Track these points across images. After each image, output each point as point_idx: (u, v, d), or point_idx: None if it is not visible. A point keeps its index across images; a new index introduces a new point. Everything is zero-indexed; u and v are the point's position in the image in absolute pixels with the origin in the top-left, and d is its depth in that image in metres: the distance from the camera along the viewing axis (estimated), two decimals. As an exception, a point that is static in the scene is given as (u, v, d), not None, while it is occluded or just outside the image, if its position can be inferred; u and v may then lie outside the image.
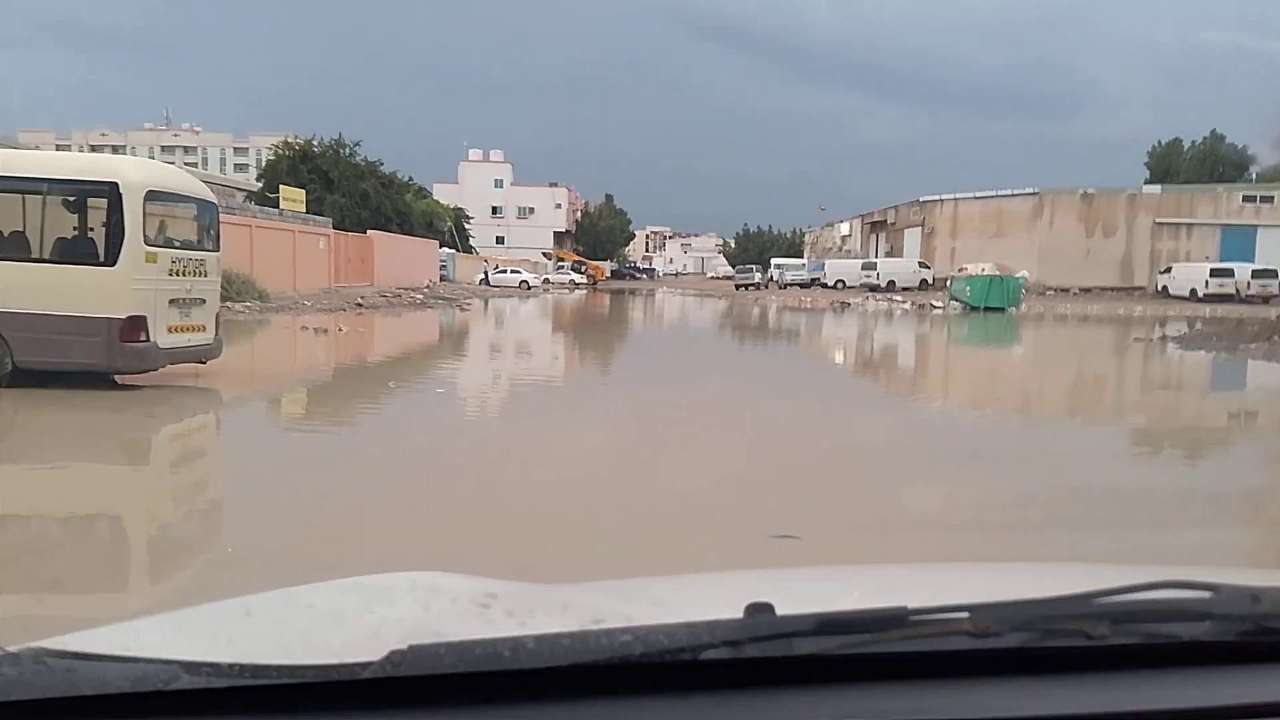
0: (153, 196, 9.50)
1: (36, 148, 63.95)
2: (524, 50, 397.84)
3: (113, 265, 9.14)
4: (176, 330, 9.80)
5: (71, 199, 9.72)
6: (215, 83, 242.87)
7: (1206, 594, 0.98)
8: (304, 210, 36.15)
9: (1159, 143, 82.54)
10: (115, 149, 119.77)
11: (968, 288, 39.78)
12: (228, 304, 25.63)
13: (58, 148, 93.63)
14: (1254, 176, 65.89)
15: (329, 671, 0.83)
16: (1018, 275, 40.88)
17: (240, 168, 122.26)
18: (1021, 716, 0.88)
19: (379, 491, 5.97)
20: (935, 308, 40.37)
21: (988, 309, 38.15)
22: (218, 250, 10.91)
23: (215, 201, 10.91)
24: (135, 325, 9.19)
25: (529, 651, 0.83)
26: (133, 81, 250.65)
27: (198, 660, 0.83)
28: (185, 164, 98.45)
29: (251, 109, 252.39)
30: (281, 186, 39.25)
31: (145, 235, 9.31)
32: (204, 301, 10.33)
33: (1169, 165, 75.16)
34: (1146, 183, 62.91)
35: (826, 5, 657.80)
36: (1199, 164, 72.83)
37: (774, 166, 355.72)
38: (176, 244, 10.08)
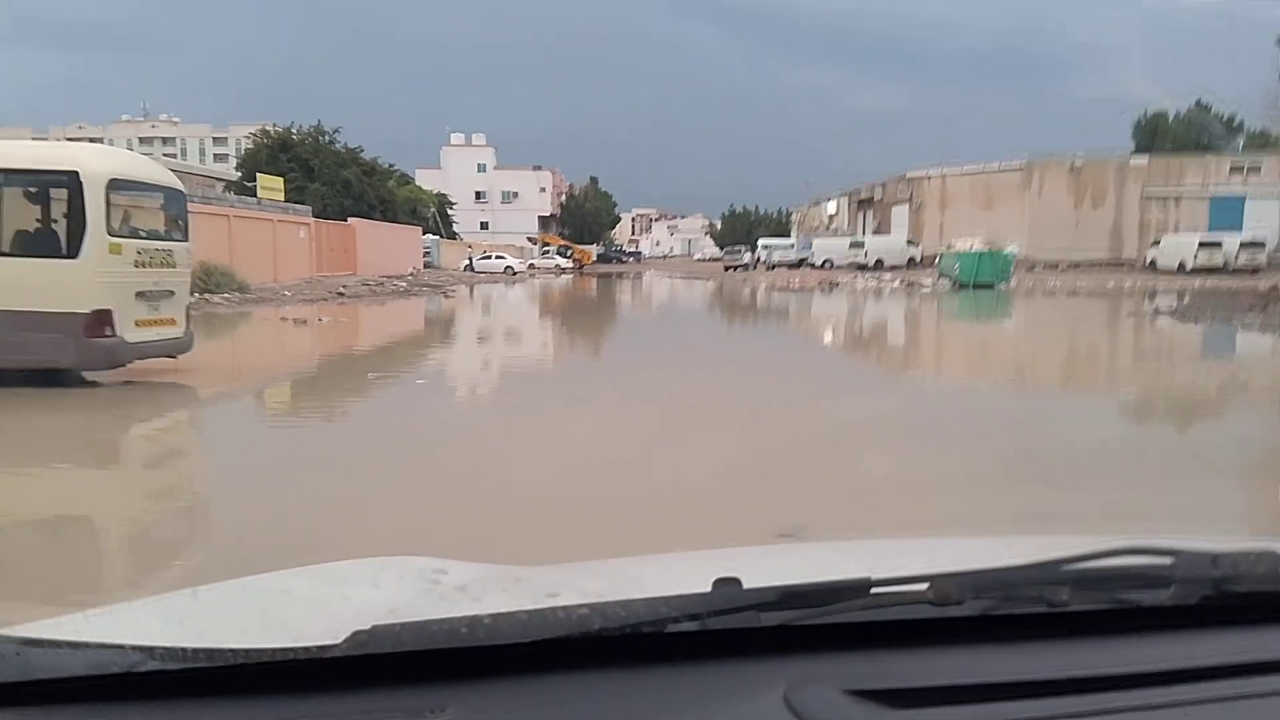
0: (116, 185, 9.08)
1: None
2: (505, 31, 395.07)
3: (75, 258, 8.72)
4: (145, 324, 9.39)
5: (32, 190, 9.30)
6: (194, 75, 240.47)
7: (1167, 559, 0.98)
8: (283, 199, 35.57)
9: (1145, 113, 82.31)
10: (93, 141, 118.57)
11: (957, 264, 39.56)
12: (206, 296, 25.33)
13: (34, 140, 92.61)
14: (1240, 147, 65.67)
15: (287, 654, 0.83)
16: (1007, 250, 40.60)
17: (220, 158, 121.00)
18: (984, 682, 0.87)
19: (353, 491, 5.61)
20: (924, 286, 40.13)
21: (977, 285, 37.94)
22: (187, 240, 10.48)
23: (183, 190, 10.47)
24: (100, 320, 8.79)
25: (486, 628, 0.84)
26: (112, 77, 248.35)
27: (154, 645, 0.83)
28: (164, 155, 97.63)
29: (231, 100, 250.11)
30: (259, 175, 38.63)
31: (109, 226, 8.89)
32: (173, 294, 9.92)
33: (1155, 135, 74.82)
34: (1134, 153, 62.63)
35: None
36: (1184, 134, 72.55)
37: (761, 144, 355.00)
38: (143, 234, 9.66)
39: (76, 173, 8.73)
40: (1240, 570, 0.99)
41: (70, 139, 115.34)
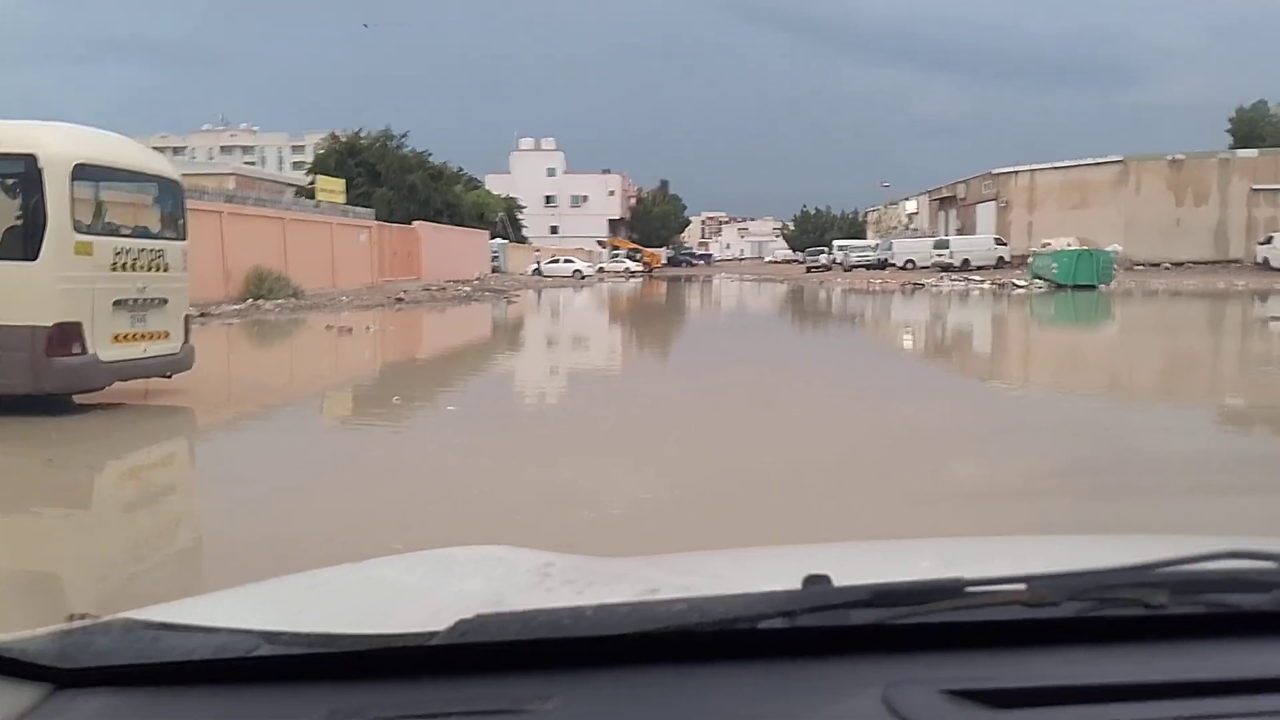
0: (85, 173, 7.56)
1: None
2: (572, 40, 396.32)
3: (34, 260, 7.22)
4: (126, 339, 7.87)
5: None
6: (271, 88, 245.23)
7: (1269, 563, 0.96)
8: (343, 202, 34.49)
9: (1242, 106, 77.94)
10: (176, 150, 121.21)
11: (1054, 264, 36.89)
12: (257, 302, 24.27)
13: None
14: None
15: (399, 639, 0.86)
16: (1108, 249, 37.77)
17: (298, 165, 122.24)
18: (1080, 684, 0.86)
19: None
20: (1018, 286, 37.51)
21: (1076, 287, 35.25)
22: (184, 240, 8.96)
23: (178, 180, 8.94)
24: (66, 335, 7.27)
25: (589, 620, 0.86)
26: (190, 91, 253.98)
27: (275, 630, 0.88)
28: (244, 163, 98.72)
29: (307, 111, 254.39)
30: (318, 177, 37.74)
31: (75, 221, 7.39)
32: (165, 303, 8.38)
33: (1253, 129, 70.47)
34: (1230, 148, 58.72)
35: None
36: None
37: (828, 146, 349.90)
38: (124, 232, 8.17)
39: (34, 156, 7.20)
40: None
41: (155, 149, 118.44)
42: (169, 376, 8.62)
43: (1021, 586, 0.91)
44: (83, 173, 7.51)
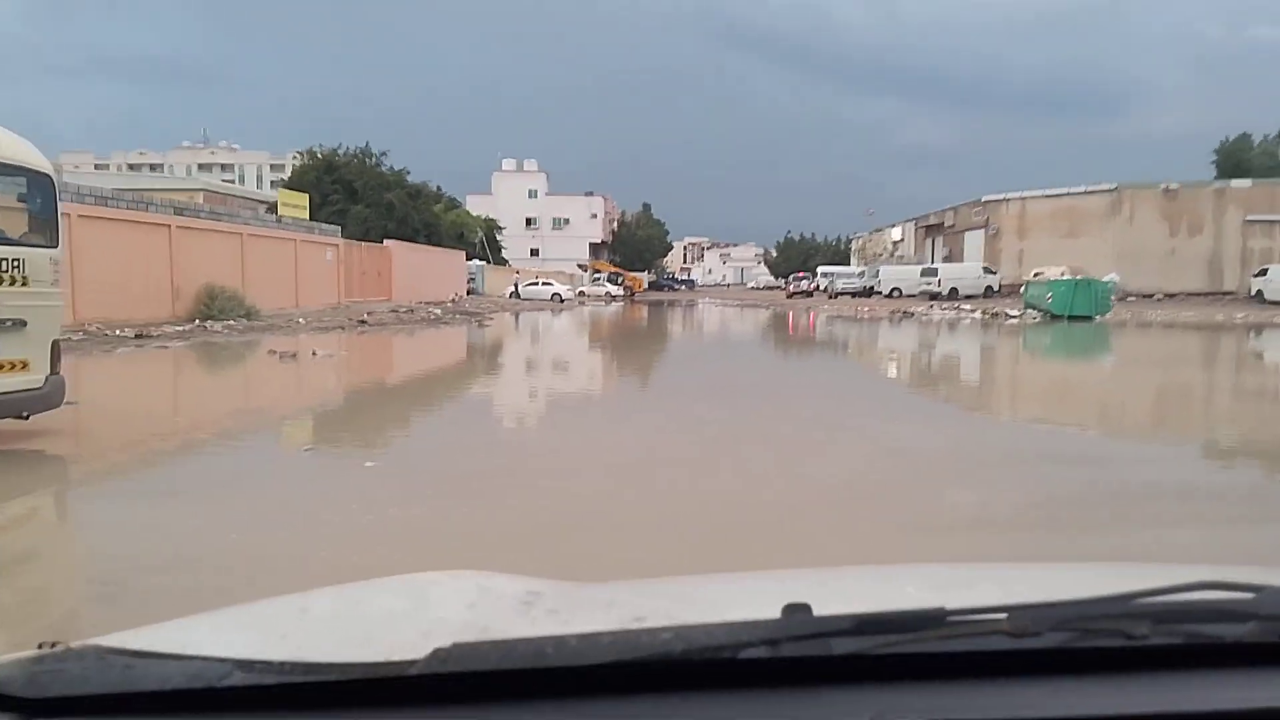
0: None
1: (75, 168, 61.90)
2: (558, 64, 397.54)
3: None
4: (-42, 371, 6.24)
5: None
6: (254, 107, 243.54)
7: (1249, 594, 0.97)
8: (308, 218, 32.79)
9: (1226, 138, 77.72)
10: (153, 167, 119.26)
11: (1049, 293, 35.57)
12: (206, 323, 22.56)
13: (95, 167, 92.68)
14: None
15: (378, 669, 0.86)
16: (1106, 279, 36.54)
17: (277, 184, 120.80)
18: (1061, 716, 0.88)
19: None
20: (1010, 316, 36.19)
21: (1072, 318, 33.96)
22: (55, 246, 7.33)
23: (49, 173, 7.29)
24: None
25: (571, 649, 0.85)
26: (175, 108, 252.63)
27: (251, 658, 0.87)
28: (223, 180, 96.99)
29: (290, 130, 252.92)
30: (280, 191, 36.02)
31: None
32: (23, 325, 6.75)
33: (1239, 160, 70.03)
34: (1224, 177, 57.98)
35: (859, 10, 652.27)
36: (1270, 158, 67.64)
37: (813, 174, 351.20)
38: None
39: None
40: None
41: (131, 166, 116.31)
42: (25, 417, 6.97)
43: (1003, 617, 0.91)
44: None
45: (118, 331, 18.51)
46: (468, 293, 51.96)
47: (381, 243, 41.05)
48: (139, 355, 15.97)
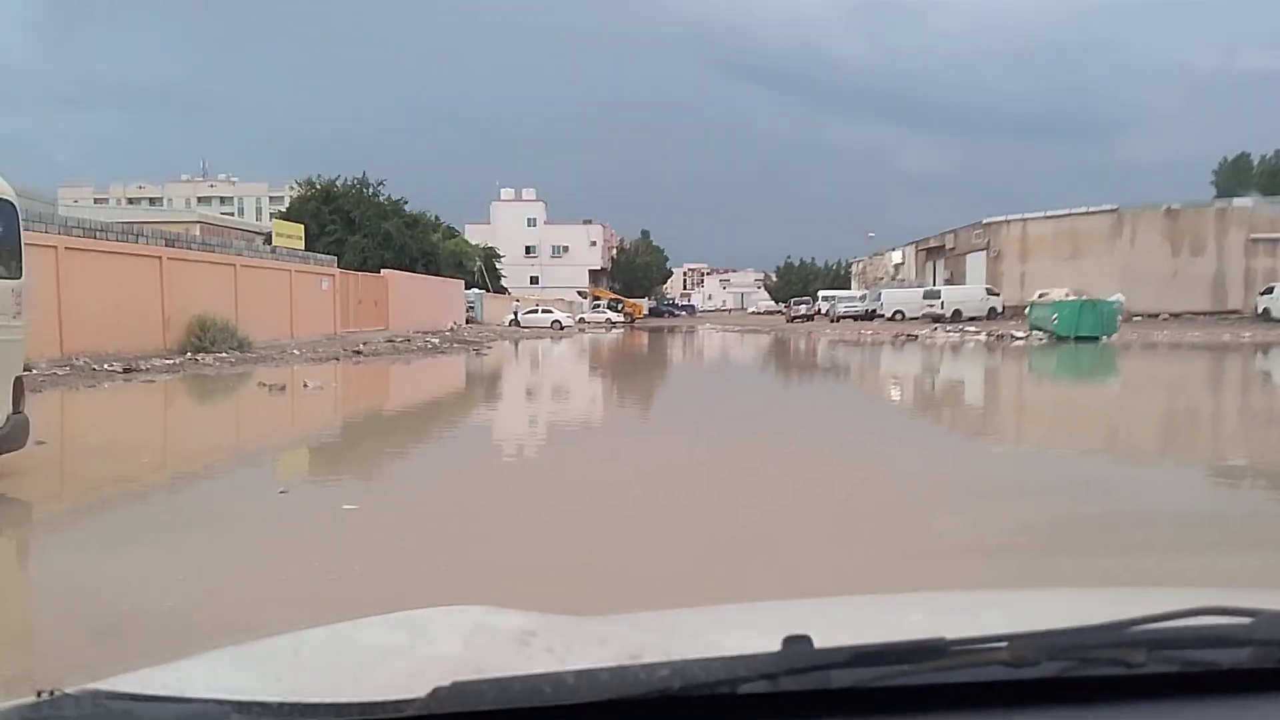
0: None
1: (75, 202, 61.61)
2: (557, 94, 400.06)
3: None
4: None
5: None
6: (253, 136, 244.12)
7: (1245, 620, 0.97)
8: (303, 247, 32.41)
9: (1225, 158, 77.79)
10: (152, 201, 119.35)
11: (1054, 315, 35.17)
12: (197, 356, 22.07)
13: (95, 201, 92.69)
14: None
15: (374, 709, 0.86)
16: (1112, 299, 36.10)
17: (276, 215, 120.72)
18: None
19: None
20: (1016, 338, 35.76)
21: (1079, 339, 33.51)
22: (17, 276, 6.87)
23: (12, 200, 6.87)
24: None
25: (569, 687, 0.85)
26: (174, 137, 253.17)
27: (248, 699, 0.87)
28: (222, 213, 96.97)
29: (288, 160, 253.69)
30: (275, 221, 35.72)
31: None
32: (-22, 360, 6.30)
33: (1239, 181, 69.96)
34: (1223, 196, 57.73)
35: (855, 41, 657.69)
36: (1270, 178, 67.55)
37: (811, 199, 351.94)
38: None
39: None
40: None
41: (130, 199, 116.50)
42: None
43: (1003, 646, 0.91)
44: None
45: (105, 365, 18.04)
46: (467, 321, 51.58)
47: (379, 272, 40.71)
48: (124, 389, 15.49)
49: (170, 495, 7.10)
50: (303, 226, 34.45)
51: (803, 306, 70.56)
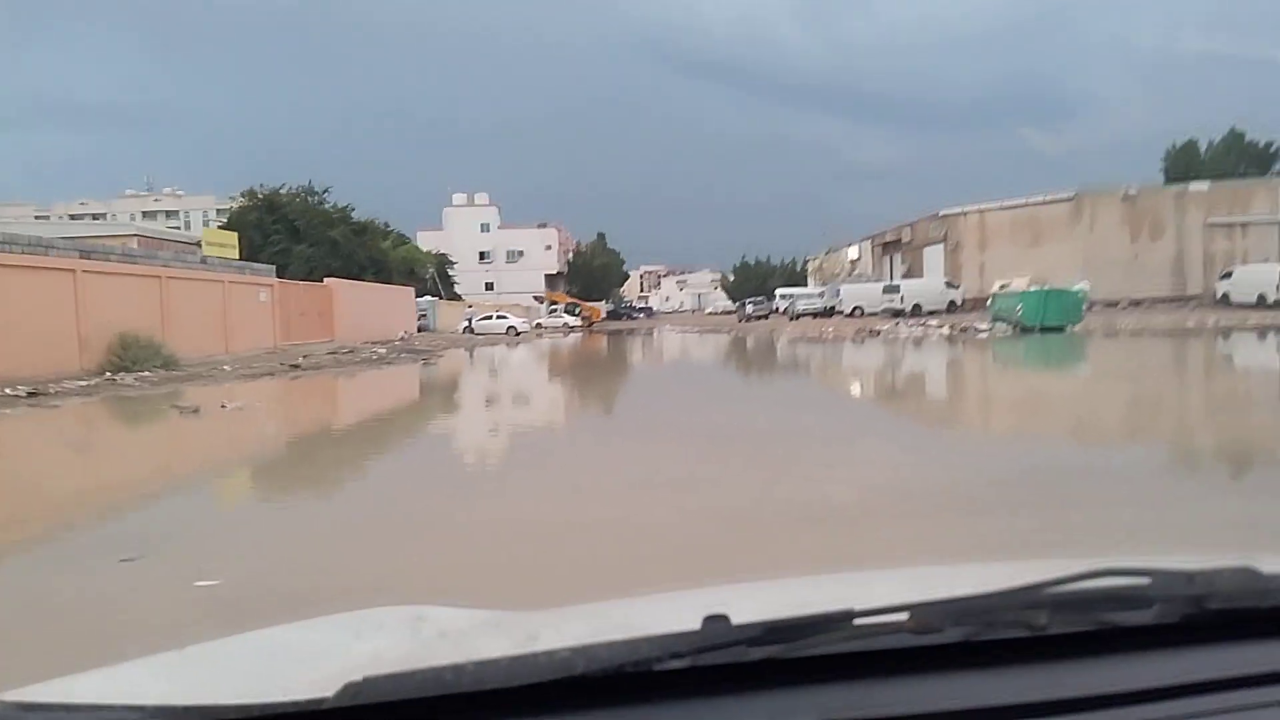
0: None
1: (15, 220, 58.89)
2: (508, 94, 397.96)
3: None
4: None
5: None
6: (199, 149, 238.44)
7: (1144, 579, 1.00)
8: (238, 257, 30.72)
9: (1174, 144, 78.14)
10: (95, 217, 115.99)
11: (1019, 305, 34.48)
12: (117, 376, 20.47)
13: (36, 218, 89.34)
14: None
15: (280, 708, 0.86)
16: (1076, 287, 35.49)
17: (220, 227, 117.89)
18: (964, 708, 0.89)
19: None
20: (980, 330, 35.01)
21: (1044, 328, 32.82)
22: None
23: None
24: None
25: (470, 675, 0.86)
26: (118, 154, 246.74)
27: (144, 704, 0.86)
28: (168, 227, 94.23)
29: (235, 172, 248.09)
30: (205, 230, 34.04)
31: None
32: None
33: (1188, 166, 70.24)
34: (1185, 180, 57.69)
35: (805, 35, 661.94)
36: (1219, 163, 67.84)
37: (766, 197, 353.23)
38: None
39: None
40: (1216, 586, 0.99)
41: (73, 216, 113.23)
42: None
43: (906, 615, 0.93)
44: None
45: (7, 390, 16.44)
46: (419, 330, 50.00)
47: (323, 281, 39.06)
48: (14, 419, 13.92)
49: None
50: (236, 235, 32.68)
51: (750, 306, 69.23)
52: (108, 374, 20.21)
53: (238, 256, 30.56)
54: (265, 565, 5.31)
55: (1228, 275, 43.67)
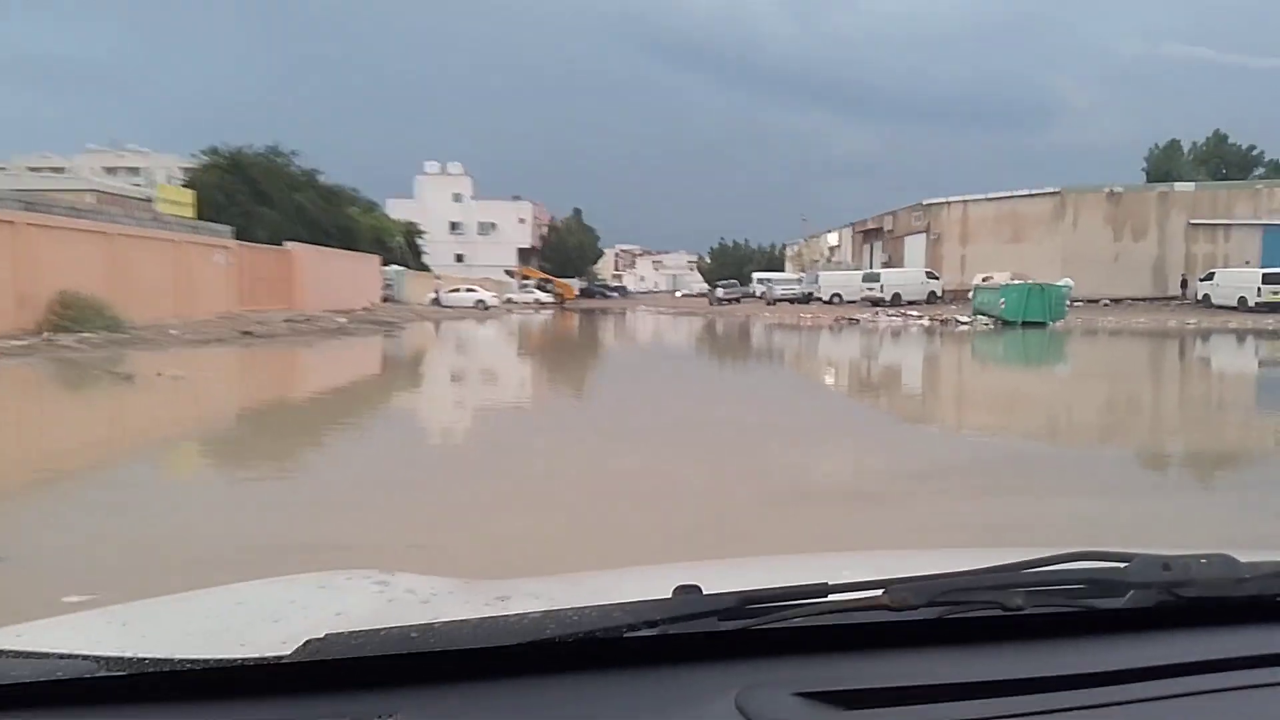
0: None
1: None
2: (489, 68, 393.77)
3: None
4: None
5: None
6: (166, 108, 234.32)
7: (1121, 564, 1.00)
8: (194, 216, 29.24)
9: (1156, 145, 77.93)
10: (56, 171, 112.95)
11: (1002, 299, 33.82)
12: (55, 337, 19.23)
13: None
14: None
15: (239, 662, 0.84)
16: (1060, 284, 34.85)
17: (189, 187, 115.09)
18: (934, 684, 0.88)
19: None
20: (961, 323, 34.30)
21: (1026, 324, 32.15)
22: None
23: None
24: None
25: (438, 633, 0.85)
26: (82, 110, 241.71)
27: (104, 654, 0.85)
28: (132, 184, 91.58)
29: (203, 133, 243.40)
30: (159, 185, 32.48)
31: None
32: None
33: (1169, 168, 70.05)
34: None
35: (788, 25, 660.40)
36: (1200, 165, 67.70)
37: (745, 182, 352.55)
38: None
39: None
40: (1192, 574, 1.00)
41: (32, 169, 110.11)
42: None
43: (881, 591, 0.92)
44: None
45: (-72, 349, 15.15)
46: (384, 300, 48.58)
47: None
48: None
49: None
50: (193, 193, 31.17)
51: (720, 290, 67.51)
52: (46, 334, 18.88)
53: (194, 216, 29.09)
54: (144, 575, 4.19)
55: (1209, 277, 43.36)
